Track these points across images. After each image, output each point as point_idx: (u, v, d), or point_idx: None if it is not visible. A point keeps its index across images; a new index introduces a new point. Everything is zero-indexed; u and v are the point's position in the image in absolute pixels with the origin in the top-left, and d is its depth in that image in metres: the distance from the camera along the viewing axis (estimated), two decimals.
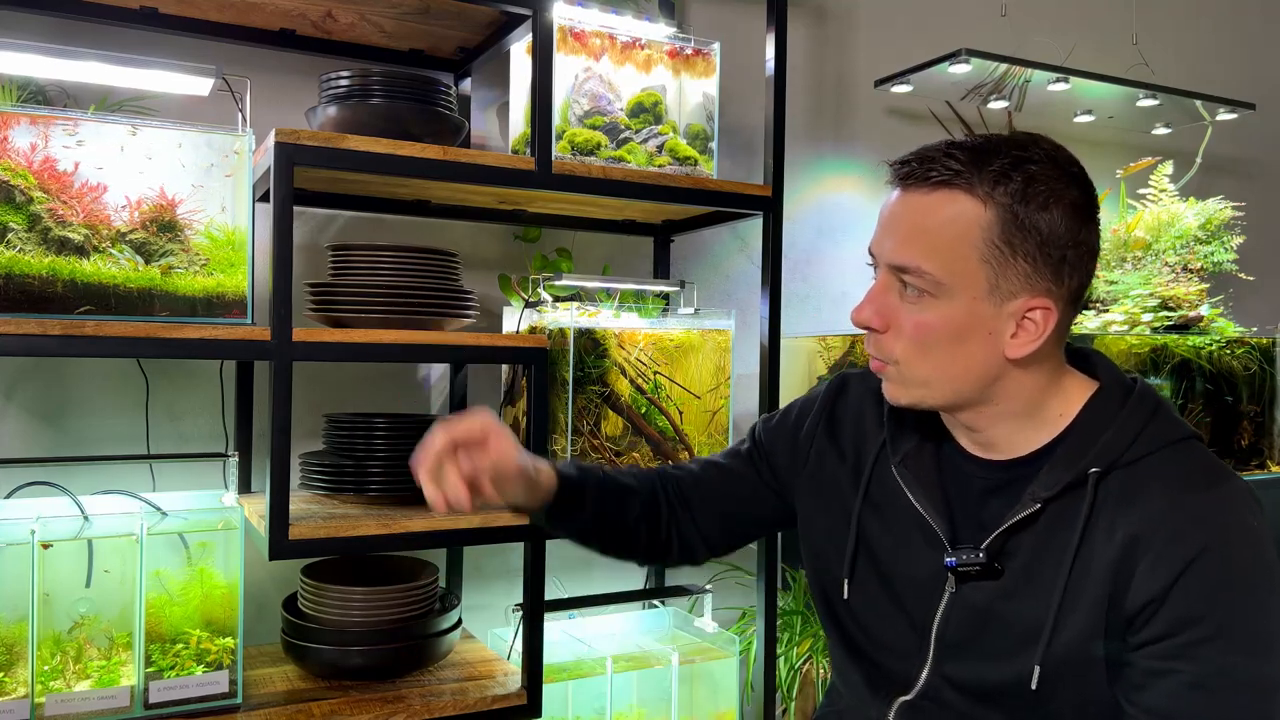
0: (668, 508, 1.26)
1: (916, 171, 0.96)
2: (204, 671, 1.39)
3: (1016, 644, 0.96)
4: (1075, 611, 0.93)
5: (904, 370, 0.99)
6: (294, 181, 1.37)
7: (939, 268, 0.93)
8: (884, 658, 1.08)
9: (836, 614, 1.14)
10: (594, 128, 1.73)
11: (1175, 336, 2.29)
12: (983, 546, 0.99)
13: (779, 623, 1.93)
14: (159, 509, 1.45)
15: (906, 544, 1.07)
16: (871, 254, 1.01)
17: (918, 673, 1.04)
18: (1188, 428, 0.98)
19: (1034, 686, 0.94)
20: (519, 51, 1.81)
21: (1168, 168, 2.60)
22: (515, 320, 1.79)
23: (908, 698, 1.05)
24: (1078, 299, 0.97)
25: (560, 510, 1.17)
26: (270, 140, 1.38)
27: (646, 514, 1.24)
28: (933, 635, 1.03)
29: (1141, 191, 2.63)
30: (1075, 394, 1.01)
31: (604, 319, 1.71)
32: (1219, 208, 2.53)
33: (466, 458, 1.04)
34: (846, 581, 1.11)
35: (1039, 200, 0.92)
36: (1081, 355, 1.06)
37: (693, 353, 1.78)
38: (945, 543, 1.02)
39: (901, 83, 2.33)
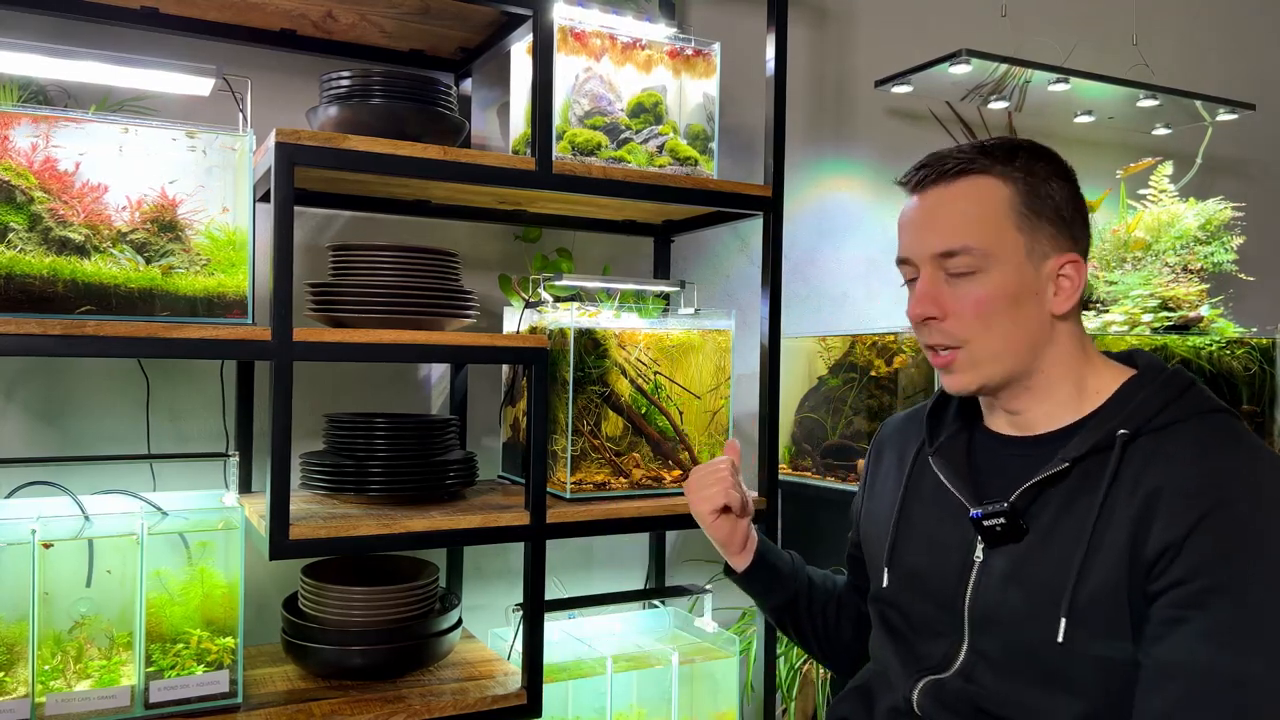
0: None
1: (933, 172, 1.08)
2: (204, 671, 1.39)
3: (1041, 605, 0.98)
4: (1098, 564, 0.96)
5: (974, 349, 1.06)
6: (294, 181, 1.37)
7: (984, 241, 1.04)
8: (921, 641, 1.11)
9: (880, 601, 1.19)
10: (594, 128, 1.73)
11: (1175, 337, 2.29)
12: (1010, 499, 1.03)
13: None
14: (159, 509, 1.45)
15: (939, 522, 1.12)
16: (906, 262, 1.11)
17: (955, 653, 1.06)
18: (1220, 402, 1.03)
19: (1060, 639, 0.95)
20: (519, 51, 1.81)
21: (1168, 168, 2.60)
22: (515, 320, 1.79)
23: (939, 677, 1.06)
24: (1087, 254, 1.10)
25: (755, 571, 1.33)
26: (271, 140, 1.38)
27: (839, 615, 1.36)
28: (965, 614, 1.05)
29: (1142, 192, 2.63)
30: (1112, 376, 1.08)
31: (604, 319, 1.71)
32: (1219, 208, 2.52)
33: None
34: (886, 570, 1.16)
35: (1042, 174, 1.06)
36: (1125, 356, 1.13)
37: (693, 353, 1.78)
38: (969, 506, 1.06)
39: (902, 83, 2.33)
